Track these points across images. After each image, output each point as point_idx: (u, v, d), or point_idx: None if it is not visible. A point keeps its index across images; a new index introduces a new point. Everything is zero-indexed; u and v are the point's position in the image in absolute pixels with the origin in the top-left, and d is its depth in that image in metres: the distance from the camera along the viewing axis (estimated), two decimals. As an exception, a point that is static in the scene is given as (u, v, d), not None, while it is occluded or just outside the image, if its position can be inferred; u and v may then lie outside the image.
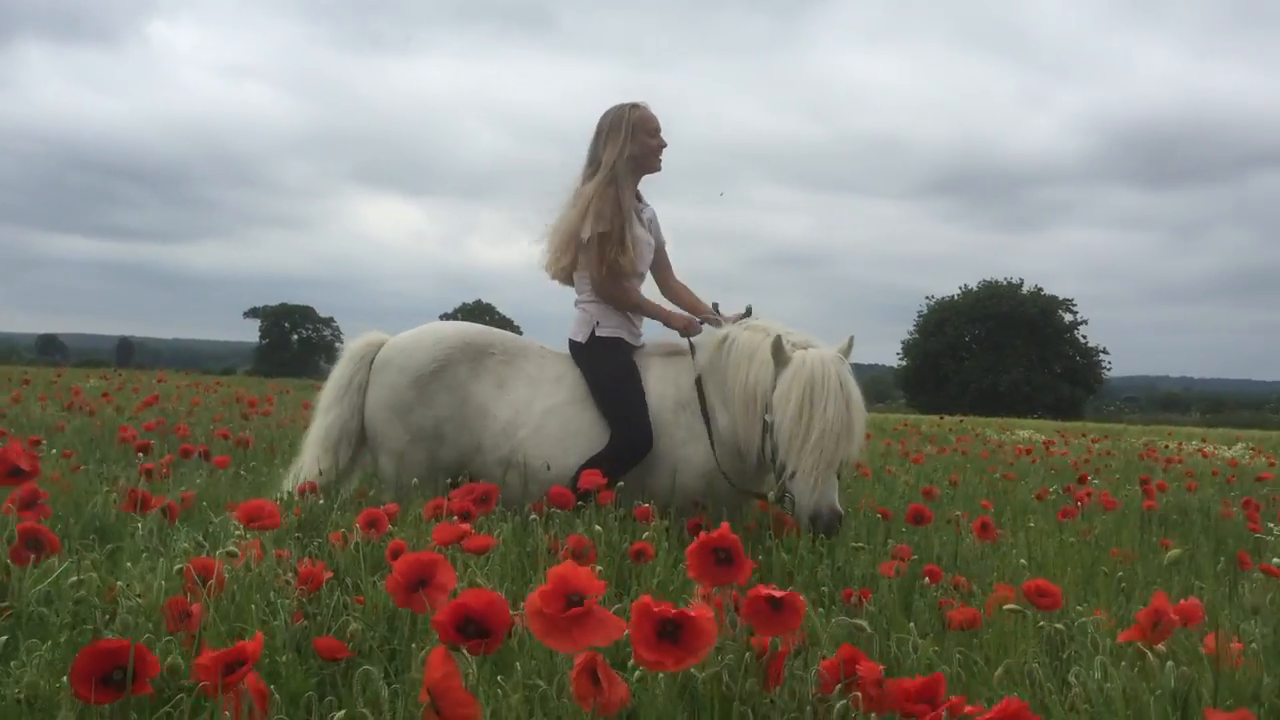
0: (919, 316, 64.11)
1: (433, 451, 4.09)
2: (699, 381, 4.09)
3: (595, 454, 3.93)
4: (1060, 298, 62.12)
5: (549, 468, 3.96)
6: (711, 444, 4.02)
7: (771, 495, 3.84)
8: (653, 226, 4.44)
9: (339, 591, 2.23)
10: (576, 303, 4.32)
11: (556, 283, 4.39)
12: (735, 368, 3.96)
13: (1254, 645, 2.03)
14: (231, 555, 2.06)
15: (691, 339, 4.20)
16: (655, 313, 4.30)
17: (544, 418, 4.07)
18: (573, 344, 4.26)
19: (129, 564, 2.45)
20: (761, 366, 3.88)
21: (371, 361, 4.25)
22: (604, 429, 4.03)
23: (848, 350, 3.94)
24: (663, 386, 4.15)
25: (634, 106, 4.29)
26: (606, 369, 4.15)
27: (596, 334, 4.20)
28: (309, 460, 4.21)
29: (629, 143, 4.22)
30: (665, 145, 4.35)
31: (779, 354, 3.79)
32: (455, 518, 2.84)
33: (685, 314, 4.33)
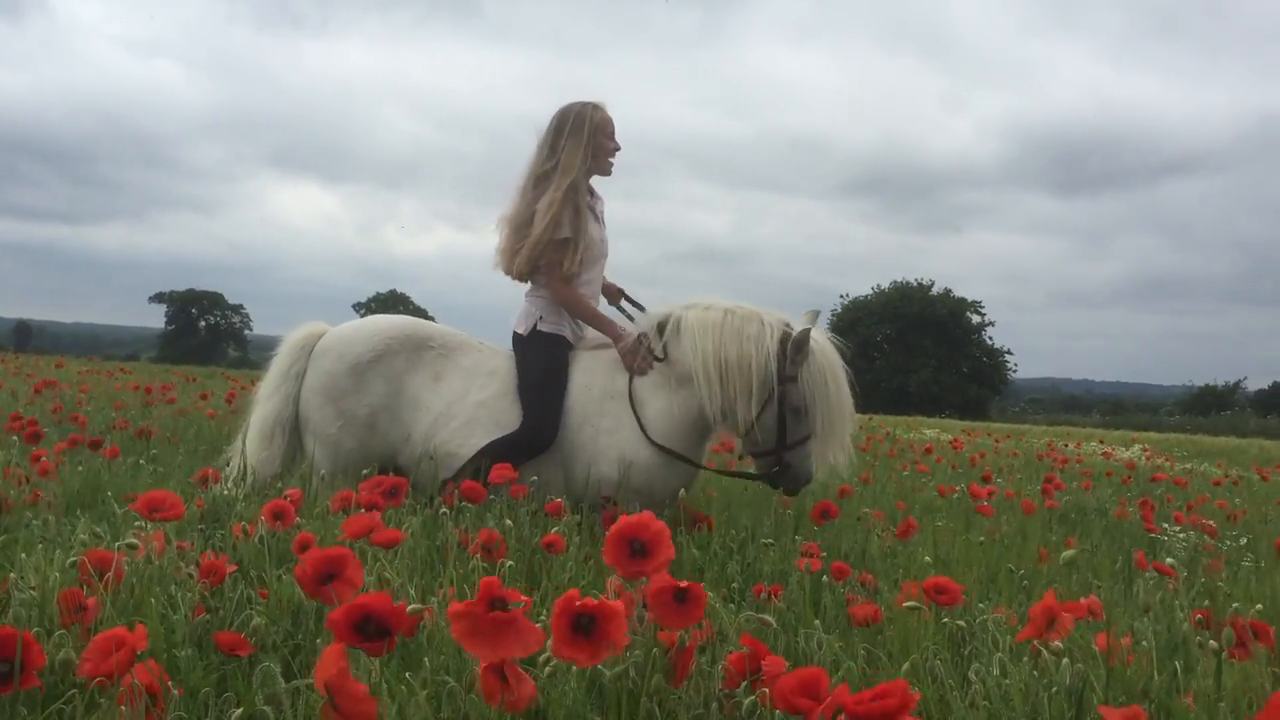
0: (832, 315, 64.94)
1: (364, 441, 4.07)
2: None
3: (496, 439, 3.97)
4: (969, 299, 63.37)
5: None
6: (642, 429, 4.06)
7: (757, 466, 4.24)
8: (603, 219, 4.47)
9: (242, 585, 2.19)
10: (527, 295, 4.32)
11: (509, 278, 4.34)
12: (707, 342, 4.02)
13: (1144, 643, 2.09)
14: (131, 547, 2.00)
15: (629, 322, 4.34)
16: (606, 329, 4.27)
17: (475, 410, 4.07)
18: (515, 335, 4.26)
19: (23, 555, 2.37)
20: (756, 345, 4.01)
21: (310, 350, 4.21)
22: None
23: (814, 322, 4.19)
24: (589, 378, 4.17)
25: (595, 107, 4.28)
26: (539, 364, 4.16)
27: (539, 328, 4.20)
28: (248, 448, 4.16)
29: (589, 144, 4.22)
30: (619, 149, 4.36)
31: (793, 338, 4.00)
32: (364, 510, 2.81)
33: (617, 331, 4.24)
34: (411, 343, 4.16)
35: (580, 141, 4.19)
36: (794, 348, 3.99)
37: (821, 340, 4.12)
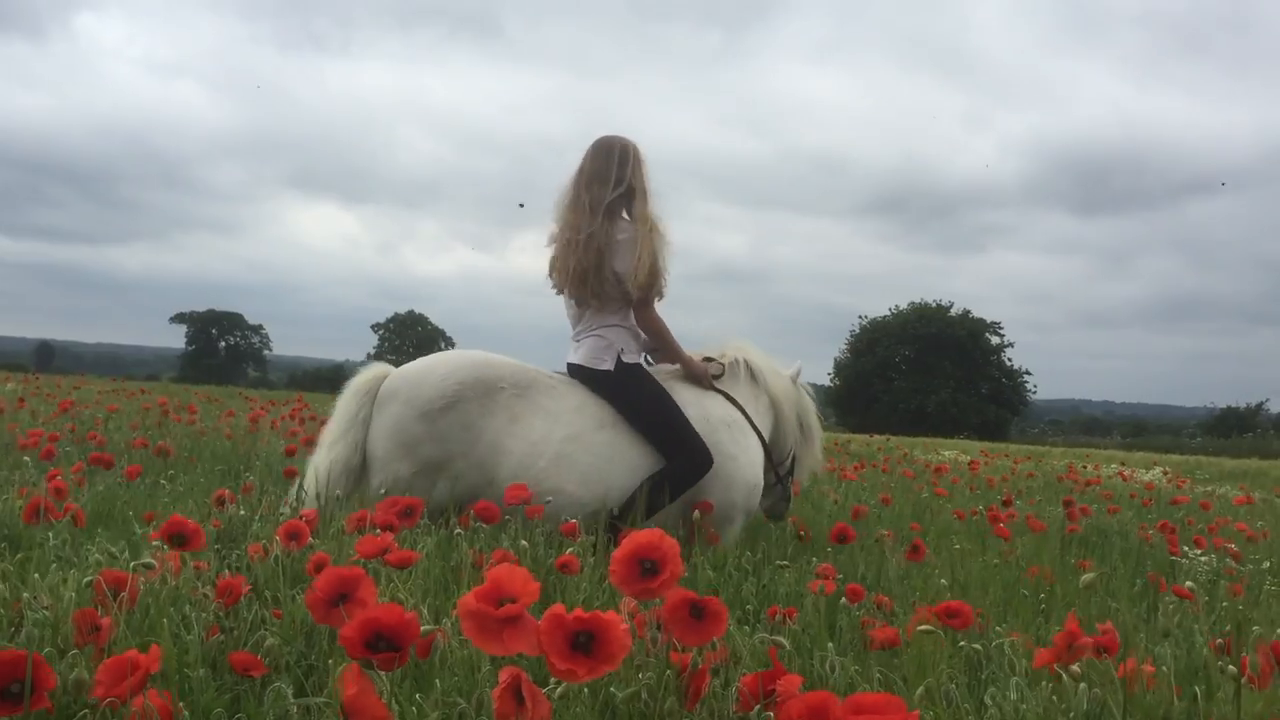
0: (851, 336, 64.82)
1: (440, 485, 3.99)
2: (733, 400, 4.51)
3: (652, 475, 4.10)
4: (987, 320, 63.18)
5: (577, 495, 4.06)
6: (767, 455, 4.61)
7: (768, 483, 4.70)
8: None
9: (257, 605, 2.19)
10: (593, 329, 4.30)
11: (564, 298, 4.41)
12: (775, 384, 4.72)
13: (1163, 668, 2.07)
14: (147, 567, 2.00)
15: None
16: (678, 357, 4.51)
17: (564, 446, 4.05)
18: (593, 372, 4.25)
19: (37, 575, 2.38)
20: (790, 385, 4.80)
21: (375, 395, 4.13)
22: (643, 453, 4.15)
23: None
24: (700, 409, 4.35)
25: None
26: (644, 395, 4.25)
27: (623, 360, 4.26)
28: (312, 493, 4.03)
29: (648, 178, 4.38)
30: None
31: (795, 378, 4.86)
32: (379, 531, 2.81)
33: (702, 365, 4.55)
34: (482, 386, 4.07)
35: (644, 174, 4.32)
36: (795, 386, 4.79)
37: (801, 380, 4.94)
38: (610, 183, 4.24)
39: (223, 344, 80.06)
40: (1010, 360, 62.94)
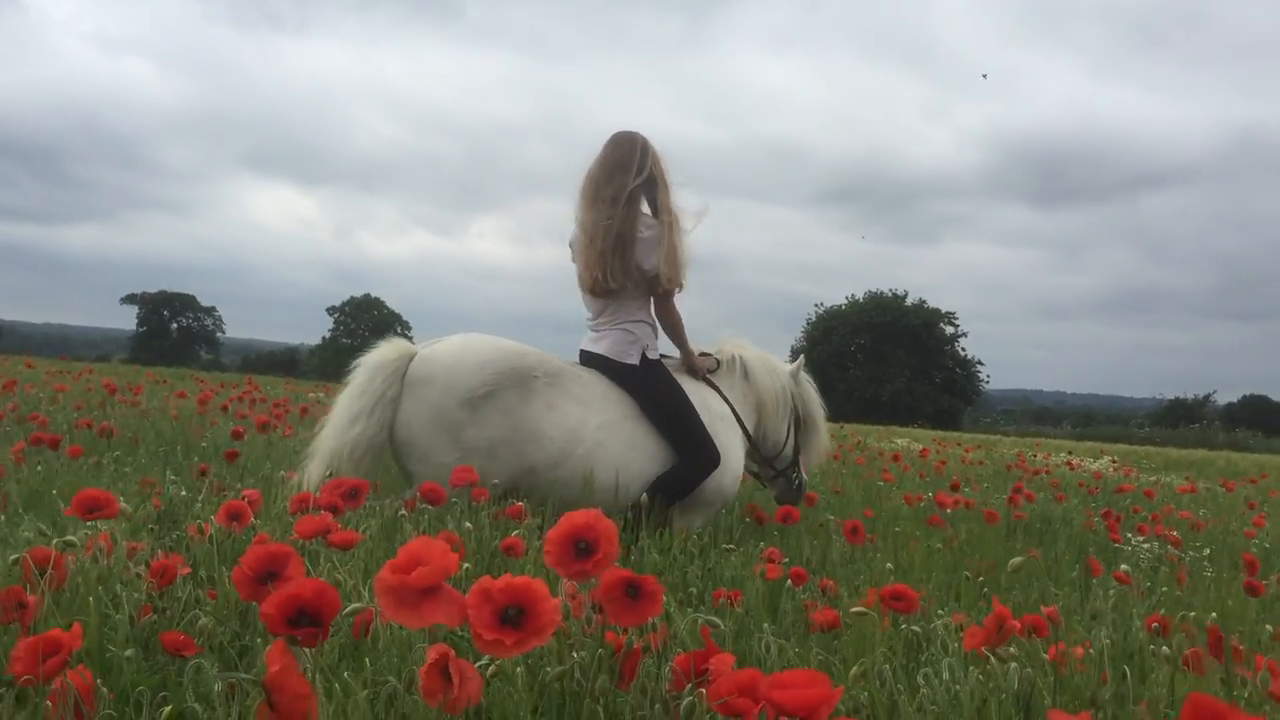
0: (807, 324, 65.12)
1: (483, 468, 3.94)
2: (723, 395, 4.71)
3: (664, 473, 4.29)
4: (942, 310, 63.71)
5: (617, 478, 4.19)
6: (750, 447, 4.84)
7: (767, 475, 5.10)
8: None
9: (191, 585, 2.16)
10: (618, 323, 4.41)
11: (580, 289, 4.50)
12: (765, 381, 4.88)
13: (1091, 651, 2.10)
14: (69, 545, 1.97)
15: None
16: (685, 350, 4.69)
17: (599, 433, 4.18)
18: (618, 365, 4.36)
19: (-35, 553, 2.33)
20: (782, 379, 4.97)
21: (404, 374, 4.08)
22: (659, 447, 4.32)
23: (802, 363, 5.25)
24: (700, 399, 4.55)
25: None
26: (666, 391, 4.41)
27: (648, 355, 4.43)
28: (328, 469, 3.96)
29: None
30: None
31: (793, 371, 5.08)
32: (322, 512, 2.78)
33: (701, 360, 4.75)
34: (518, 375, 4.12)
35: (664, 166, 4.43)
36: (793, 379, 5.01)
37: (803, 373, 5.15)
38: (632, 170, 4.33)
39: (175, 326, 78.98)
40: (964, 350, 63.57)
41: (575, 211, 4.45)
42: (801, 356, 5.25)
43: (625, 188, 4.28)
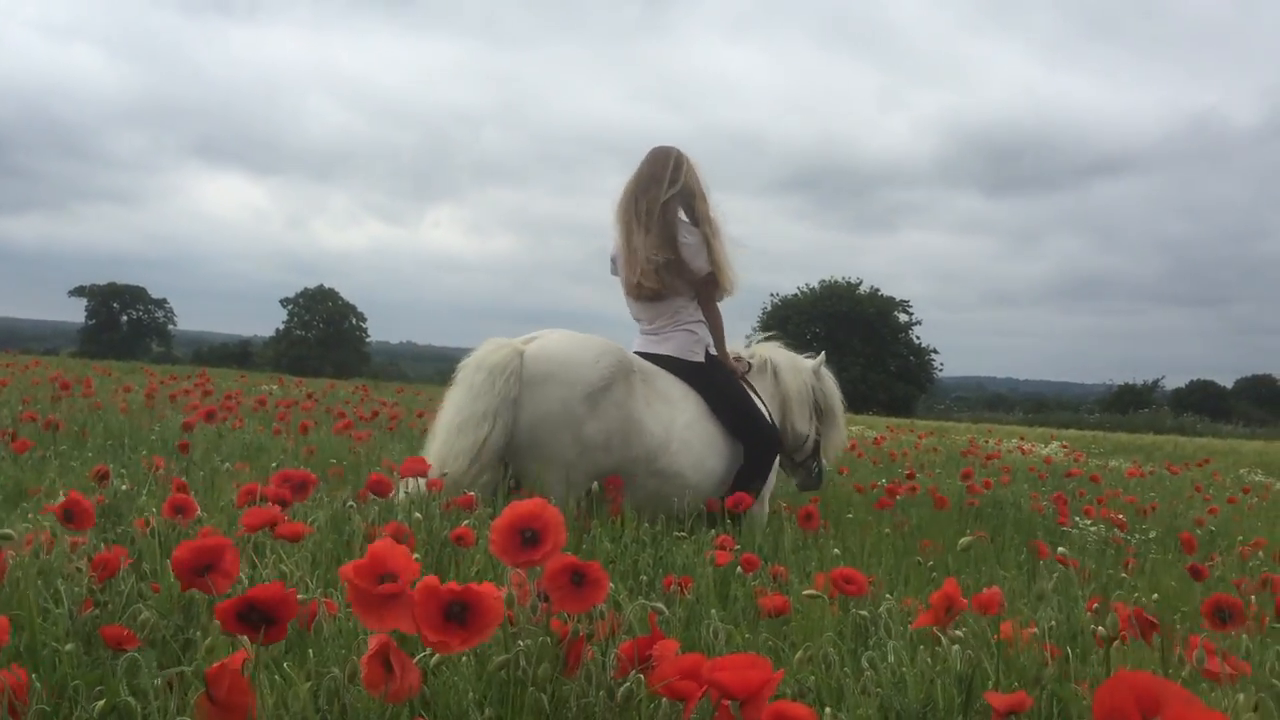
0: (763, 313, 65.36)
1: (598, 462, 4.10)
2: (757, 394, 4.89)
3: (741, 469, 4.54)
4: (896, 299, 64.17)
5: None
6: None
7: (788, 466, 5.36)
8: None
9: (134, 579, 2.13)
10: (681, 324, 4.67)
11: (637, 301, 4.74)
12: (790, 380, 5.16)
13: (1035, 631, 2.13)
14: (7, 539, 1.94)
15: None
16: (723, 350, 4.88)
17: (685, 431, 4.36)
18: (686, 364, 4.60)
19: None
20: (805, 375, 5.26)
21: (520, 375, 4.07)
22: (728, 444, 4.54)
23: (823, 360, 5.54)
24: None
25: None
26: (731, 387, 4.69)
27: (710, 353, 4.71)
28: (460, 475, 3.91)
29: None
30: None
31: (817, 368, 5.38)
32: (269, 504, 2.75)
33: (735, 363, 4.95)
34: (624, 369, 4.23)
35: (698, 177, 4.67)
36: (814, 374, 5.31)
37: (824, 368, 5.44)
38: (664, 183, 4.56)
39: (125, 318, 77.76)
40: (918, 338, 64.08)
41: (614, 226, 4.72)
42: (823, 353, 5.55)
43: (659, 200, 4.52)
